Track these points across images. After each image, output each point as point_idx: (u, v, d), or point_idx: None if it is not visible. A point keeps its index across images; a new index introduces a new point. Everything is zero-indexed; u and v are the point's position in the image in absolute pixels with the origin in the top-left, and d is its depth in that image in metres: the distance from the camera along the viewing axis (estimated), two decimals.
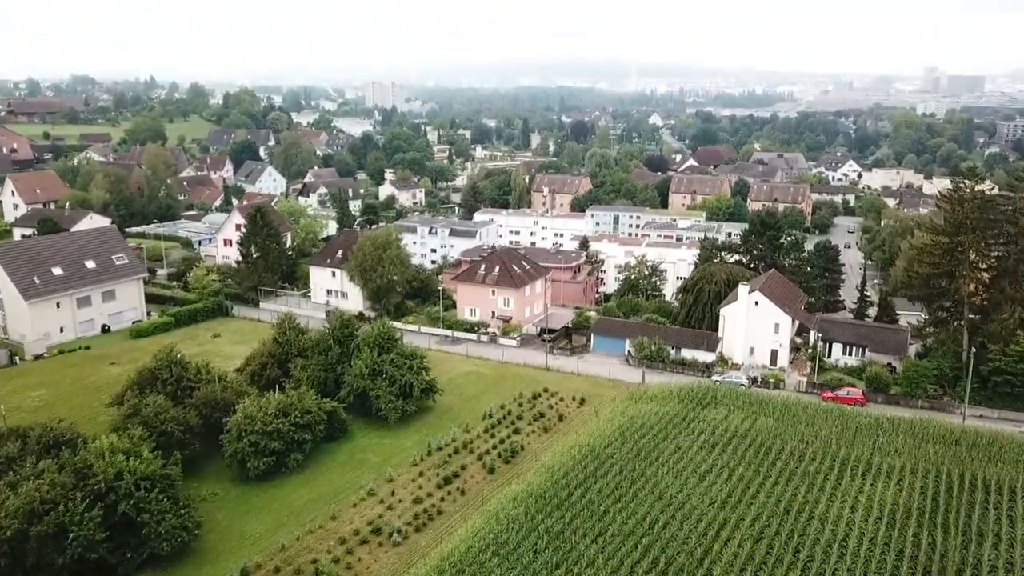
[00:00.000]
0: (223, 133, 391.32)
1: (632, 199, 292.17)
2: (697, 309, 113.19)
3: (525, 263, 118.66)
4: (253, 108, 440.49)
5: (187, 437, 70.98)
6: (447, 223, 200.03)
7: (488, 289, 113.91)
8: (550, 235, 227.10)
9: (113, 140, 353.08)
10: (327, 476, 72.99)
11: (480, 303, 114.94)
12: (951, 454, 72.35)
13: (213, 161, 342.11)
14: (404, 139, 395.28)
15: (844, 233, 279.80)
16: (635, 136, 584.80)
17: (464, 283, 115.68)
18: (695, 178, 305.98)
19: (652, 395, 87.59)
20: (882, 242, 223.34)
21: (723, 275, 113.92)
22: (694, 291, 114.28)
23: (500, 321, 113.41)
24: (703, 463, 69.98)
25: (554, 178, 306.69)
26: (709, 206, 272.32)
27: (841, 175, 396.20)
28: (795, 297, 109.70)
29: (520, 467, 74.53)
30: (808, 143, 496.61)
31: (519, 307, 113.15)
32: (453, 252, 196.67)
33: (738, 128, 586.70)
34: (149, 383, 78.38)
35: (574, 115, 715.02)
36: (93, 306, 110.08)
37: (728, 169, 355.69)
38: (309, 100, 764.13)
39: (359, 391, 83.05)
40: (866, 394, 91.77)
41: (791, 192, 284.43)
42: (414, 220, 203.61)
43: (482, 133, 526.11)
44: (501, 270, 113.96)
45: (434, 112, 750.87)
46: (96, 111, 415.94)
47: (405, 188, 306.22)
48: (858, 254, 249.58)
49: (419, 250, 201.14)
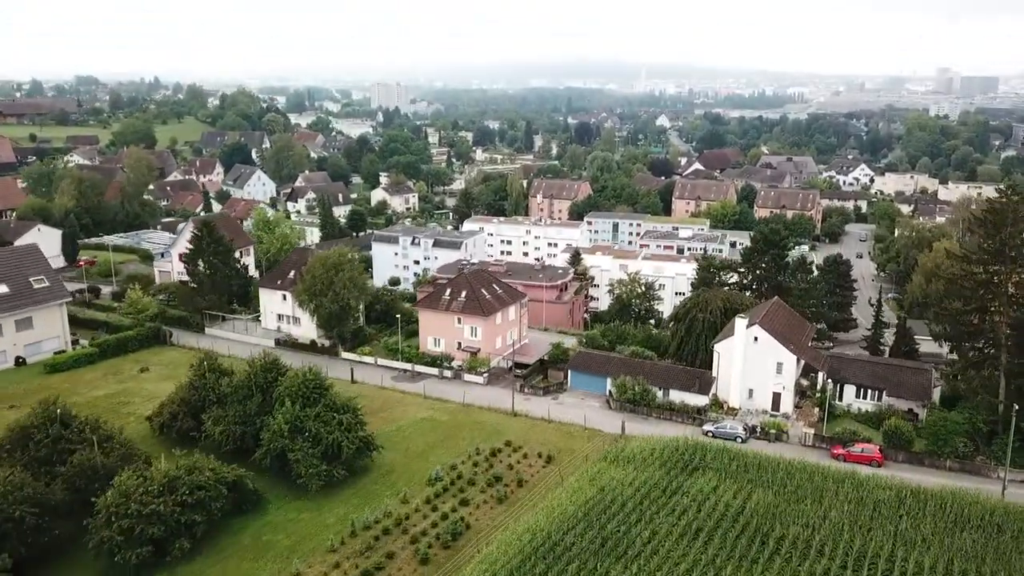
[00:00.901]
0: (216, 135, 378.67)
1: (633, 205, 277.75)
2: (690, 341, 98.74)
3: (497, 287, 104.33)
4: (249, 110, 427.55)
5: (44, 521, 57.08)
6: (431, 233, 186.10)
7: (453, 317, 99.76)
8: (543, 245, 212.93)
9: (102, 143, 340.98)
10: (221, 567, 58.95)
11: (445, 332, 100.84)
12: (993, 546, 57.72)
13: (203, 164, 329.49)
14: (402, 141, 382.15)
15: (856, 242, 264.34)
16: (641, 138, 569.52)
17: (427, 310, 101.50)
18: (700, 183, 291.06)
19: (630, 455, 73.14)
20: (896, 253, 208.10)
21: (719, 302, 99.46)
22: (686, 320, 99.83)
23: (467, 353, 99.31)
24: (683, 559, 55.60)
25: (552, 183, 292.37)
26: (714, 213, 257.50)
27: (852, 179, 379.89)
28: (801, 330, 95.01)
29: (460, 554, 60.31)
30: (818, 145, 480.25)
31: (488, 337, 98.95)
32: (437, 265, 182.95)
33: (747, 130, 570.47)
34: (20, 444, 64.70)
35: (581, 116, 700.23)
36: (5, 336, 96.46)
37: (735, 173, 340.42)
38: (312, 101, 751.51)
39: (277, 452, 69.06)
40: (884, 451, 77.13)
41: (800, 198, 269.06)
42: (396, 230, 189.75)
43: (484, 135, 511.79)
44: (469, 295, 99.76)
45: (439, 113, 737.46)
46: (88, 112, 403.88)
47: (398, 193, 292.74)
48: (870, 265, 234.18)
49: (401, 262, 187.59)
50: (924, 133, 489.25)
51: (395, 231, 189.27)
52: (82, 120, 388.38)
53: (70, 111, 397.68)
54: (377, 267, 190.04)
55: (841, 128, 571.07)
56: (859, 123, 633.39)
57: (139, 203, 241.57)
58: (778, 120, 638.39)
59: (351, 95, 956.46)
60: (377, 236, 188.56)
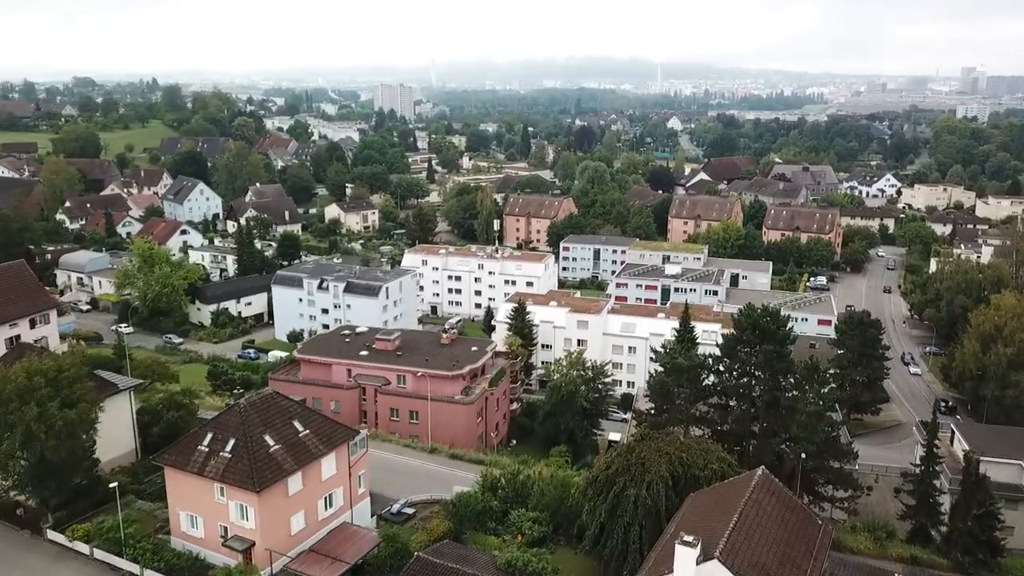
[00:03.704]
0: (177, 141, 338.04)
1: (623, 225, 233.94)
2: (616, 530, 55.61)
3: (302, 424, 60.74)
4: (220, 113, 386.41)
5: None
6: (344, 275, 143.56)
7: (212, 486, 57.14)
8: (499, 282, 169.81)
9: (42, 151, 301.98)
10: None
11: (203, 509, 58.36)
12: None
13: (148, 175, 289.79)
14: (377, 148, 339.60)
15: (882, 271, 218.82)
16: (649, 141, 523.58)
17: (175, 471, 58.90)
18: (700, 200, 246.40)
19: None
20: (937, 295, 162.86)
21: (665, 468, 56.09)
22: (607, 495, 56.49)
23: (234, 549, 56.59)
24: None
25: (530, 200, 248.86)
26: (714, 236, 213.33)
27: (877, 191, 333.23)
28: (803, 543, 50.95)
29: None
30: (838, 150, 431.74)
31: (268, 523, 56.25)
32: (352, 316, 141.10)
33: (762, 133, 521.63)
34: None
35: (588, 118, 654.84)
36: None
37: (743, 186, 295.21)
38: (311, 103, 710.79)
39: None
40: None
41: (817, 219, 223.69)
42: (304, 268, 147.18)
43: (478, 140, 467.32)
44: (237, 448, 57.01)
45: (442, 115, 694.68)
46: (42, 117, 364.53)
47: (355, 210, 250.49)
48: (901, 304, 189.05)
49: (307, 310, 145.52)
50: (954, 137, 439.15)
51: (301, 270, 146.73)
52: (33, 126, 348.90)
53: (21, 115, 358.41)
54: (279, 317, 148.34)
55: (863, 131, 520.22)
56: (882, 125, 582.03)
57: (43, 226, 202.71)
58: (796, 122, 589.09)
59: (358, 96, 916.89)
60: (279, 277, 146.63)
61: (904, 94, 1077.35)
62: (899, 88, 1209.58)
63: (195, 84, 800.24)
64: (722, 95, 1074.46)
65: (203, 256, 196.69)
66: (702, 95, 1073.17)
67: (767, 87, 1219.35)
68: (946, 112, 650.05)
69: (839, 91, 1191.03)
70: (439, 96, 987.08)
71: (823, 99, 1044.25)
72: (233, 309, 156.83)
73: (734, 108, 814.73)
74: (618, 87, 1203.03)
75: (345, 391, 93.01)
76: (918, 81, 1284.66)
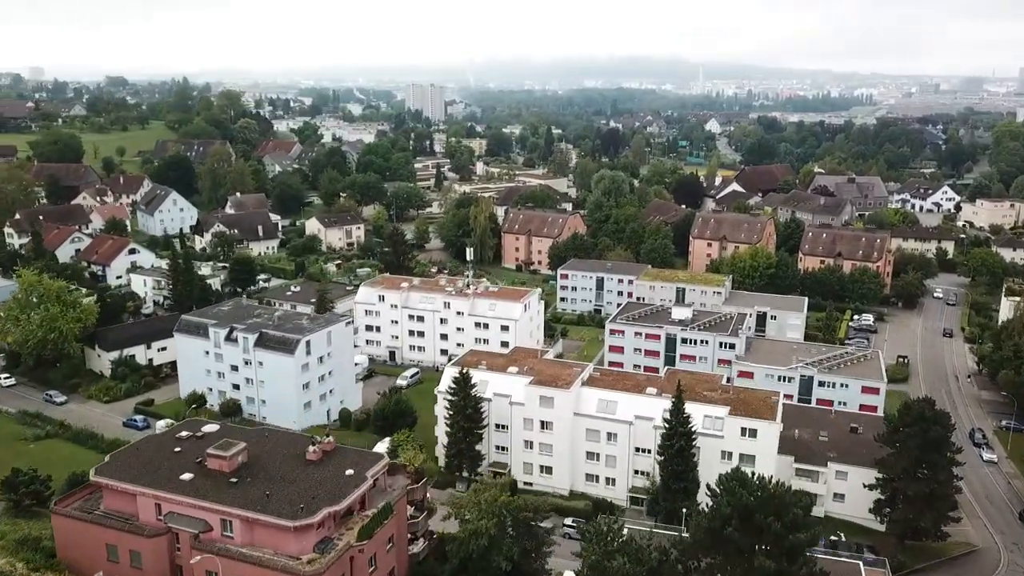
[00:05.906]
0: (170, 144, 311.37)
1: (637, 246, 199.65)
2: None
3: None
4: (222, 115, 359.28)
5: None
6: (259, 322, 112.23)
7: None
8: (469, 324, 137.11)
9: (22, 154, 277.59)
10: None
11: None
12: None
13: (128, 182, 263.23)
14: (381, 153, 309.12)
15: (941, 307, 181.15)
16: (683, 145, 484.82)
17: None
18: (727, 218, 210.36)
19: None
20: (1015, 351, 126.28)
21: None
22: None
23: None
24: None
25: (532, 216, 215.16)
26: (740, 264, 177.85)
27: (932, 204, 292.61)
28: None
29: None
30: (888, 157, 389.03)
31: None
32: (265, 376, 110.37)
33: (805, 137, 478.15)
34: None
35: (623, 119, 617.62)
36: None
37: (779, 199, 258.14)
38: (337, 103, 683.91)
39: None
40: None
41: (863, 244, 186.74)
42: (211, 315, 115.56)
43: (499, 143, 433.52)
44: None
45: (472, 116, 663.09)
46: (36, 118, 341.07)
47: (338, 224, 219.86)
48: (965, 352, 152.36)
49: (215, 366, 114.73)
50: (1017, 143, 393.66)
51: (209, 316, 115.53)
52: (24, 127, 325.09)
53: (11, 116, 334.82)
54: (183, 374, 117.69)
55: (915, 136, 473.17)
56: (935, 129, 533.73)
57: None
58: (842, 125, 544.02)
59: (393, 96, 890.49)
60: (183, 323, 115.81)
61: (958, 95, 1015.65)
62: (952, 89, 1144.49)
63: (230, 83, 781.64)
64: (765, 96, 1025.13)
65: (145, 281, 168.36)
66: (744, 96, 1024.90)
67: (813, 88, 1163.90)
68: (1005, 115, 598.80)
69: (888, 92, 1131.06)
70: (474, 96, 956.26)
71: (872, 100, 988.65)
72: (142, 356, 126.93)
73: (777, 110, 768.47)
74: (659, 87, 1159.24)
75: (146, 539, 61.63)
76: (973, 82, 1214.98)
